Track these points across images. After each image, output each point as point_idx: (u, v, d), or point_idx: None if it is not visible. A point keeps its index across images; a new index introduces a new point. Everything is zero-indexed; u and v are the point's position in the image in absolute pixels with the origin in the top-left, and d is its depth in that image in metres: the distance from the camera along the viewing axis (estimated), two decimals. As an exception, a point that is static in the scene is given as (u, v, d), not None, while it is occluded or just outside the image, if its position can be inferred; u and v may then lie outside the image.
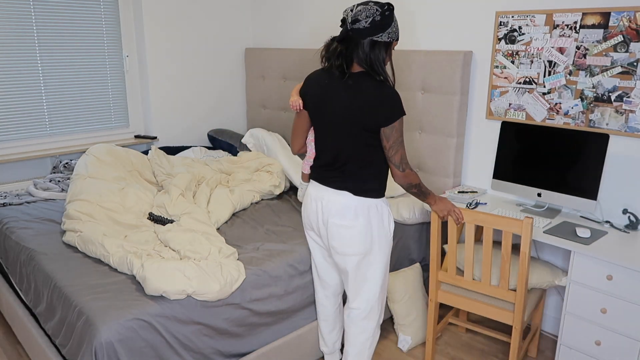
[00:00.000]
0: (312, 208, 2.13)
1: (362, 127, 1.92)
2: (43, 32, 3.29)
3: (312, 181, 2.17)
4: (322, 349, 2.47)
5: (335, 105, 1.96)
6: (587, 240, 2.25)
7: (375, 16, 1.82)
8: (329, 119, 1.99)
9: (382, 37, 1.86)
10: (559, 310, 2.84)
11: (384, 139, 1.94)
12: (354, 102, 1.90)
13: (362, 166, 2.00)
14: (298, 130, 2.17)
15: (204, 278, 2.04)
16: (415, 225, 2.94)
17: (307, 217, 2.18)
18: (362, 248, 2.05)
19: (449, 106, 2.91)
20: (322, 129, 2.05)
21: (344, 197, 2.02)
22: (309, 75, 2.10)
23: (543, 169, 2.57)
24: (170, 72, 3.82)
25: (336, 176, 2.04)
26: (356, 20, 1.83)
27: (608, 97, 2.46)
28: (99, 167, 2.98)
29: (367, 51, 1.87)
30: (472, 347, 2.77)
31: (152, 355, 1.92)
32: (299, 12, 3.82)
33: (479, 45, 2.87)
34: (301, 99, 2.09)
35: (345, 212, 2.02)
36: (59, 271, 2.20)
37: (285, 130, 3.98)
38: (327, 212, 2.06)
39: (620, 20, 2.35)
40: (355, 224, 2.02)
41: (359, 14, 1.83)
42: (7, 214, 2.81)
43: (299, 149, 2.21)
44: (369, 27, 1.83)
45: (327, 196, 2.06)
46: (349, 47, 1.89)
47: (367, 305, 2.17)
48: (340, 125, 1.96)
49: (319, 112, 2.03)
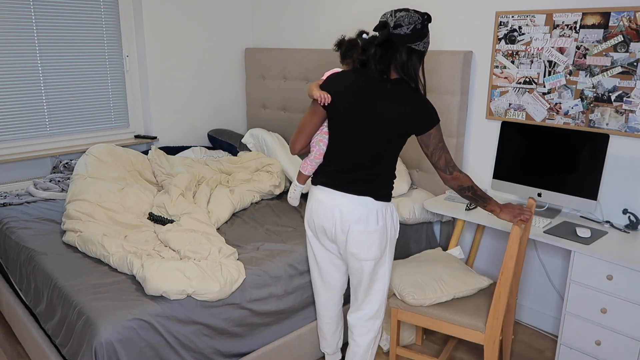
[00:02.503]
0: (326, 215, 2.04)
1: (395, 133, 1.92)
2: (43, 32, 3.29)
3: (320, 187, 2.08)
4: (325, 350, 2.46)
5: (367, 110, 1.91)
6: (587, 240, 2.25)
7: (417, 24, 1.82)
8: (358, 122, 1.93)
9: (419, 46, 1.86)
10: (559, 310, 2.84)
11: (423, 147, 1.96)
12: (391, 108, 1.88)
13: (383, 171, 1.99)
14: (308, 129, 2.08)
15: (204, 278, 2.04)
16: (415, 225, 2.95)
17: (319, 224, 2.09)
18: (378, 252, 2.04)
19: (449, 106, 2.91)
20: (346, 132, 1.97)
21: (366, 203, 1.99)
22: (335, 75, 2.01)
23: (543, 168, 2.57)
24: (170, 72, 3.82)
25: (356, 181, 1.99)
26: (398, 26, 1.82)
27: (608, 97, 2.46)
28: (99, 167, 2.98)
29: (404, 58, 1.87)
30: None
31: (152, 355, 1.92)
32: (299, 12, 3.82)
33: (479, 45, 2.87)
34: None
35: (368, 217, 1.99)
36: (59, 271, 2.20)
37: (286, 130, 3.98)
38: (349, 220, 2.00)
39: (620, 20, 2.35)
40: (376, 228, 2.00)
41: (402, 20, 1.82)
42: (7, 214, 2.81)
43: (302, 148, 2.12)
44: (410, 34, 1.82)
45: (346, 203, 2.00)
46: (388, 52, 1.87)
47: (375, 305, 2.18)
48: (370, 129, 1.92)
49: (348, 114, 1.95)
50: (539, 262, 2.87)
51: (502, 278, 2.03)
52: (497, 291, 2.06)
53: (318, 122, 2.06)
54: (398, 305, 2.30)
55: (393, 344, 2.39)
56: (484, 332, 2.15)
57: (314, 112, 2.05)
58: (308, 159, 2.14)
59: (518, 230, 1.95)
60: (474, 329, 2.17)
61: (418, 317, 2.28)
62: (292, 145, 2.14)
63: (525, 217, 2.04)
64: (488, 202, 2.06)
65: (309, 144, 2.14)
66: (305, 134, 2.09)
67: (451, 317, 2.21)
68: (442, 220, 3.04)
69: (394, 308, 2.31)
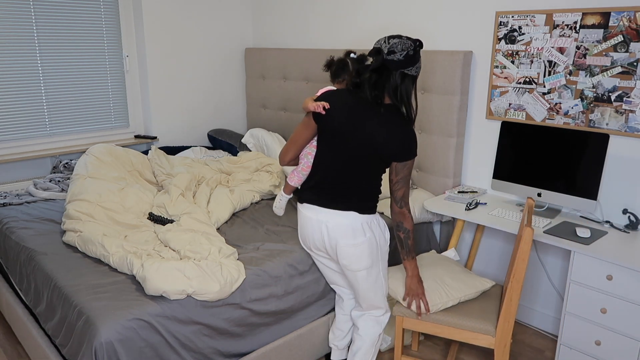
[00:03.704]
0: (315, 231, 2.11)
1: (379, 156, 1.98)
2: (43, 32, 3.29)
3: (305, 205, 2.14)
4: (335, 344, 2.47)
5: (360, 130, 1.97)
6: (587, 240, 2.25)
7: (409, 50, 1.89)
8: (348, 141, 1.99)
9: (411, 71, 1.93)
10: (559, 310, 2.84)
11: (392, 173, 2.01)
12: (380, 132, 1.94)
13: (367, 187, 2.04)
14: (299, 141, 2.14)
15: (204, 278, 2.04)
16: (415, 225, 2.95)
17: (311, 241, 2.16)
18: (369, 262, 2.09)
19: (449, 106, 2.91)
20: (336, 148, 2.03)
21: (351, 217, 2.04)
22: (330, 92, 2.07)
23: (543, 169, 2.57)
24: (170, 72, 3.82)
25: (340, 196, 2.04)
26: (392, 52, 1.89)
27: (608, 97, 2.45)
28: (99, 167, 2.98)
29: (397, 82, 1.93)
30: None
31: (152, 355, 1.92)
32: (299, 12, 3.82)
33: (479, 45, 2.87)
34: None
35: (355, 231, 2.04)
36: (59, 271, 2.20)
37: (285, 130, 3.98)
38: (335, 236, 2.06)
39: (620, 20, 2.35)
40: (363, 240, 2.05)
41: (395, 47, 1.89)
42: (7, 214, 2.81)
43: (291, 159, 2.18)
44: (403, 59, 1.89)
45: (332, 219, 2.05)
46: (382, 77, 1.94)
47: (378, 309, 2.25)
48: (359, 149, 1.98)
49: (337, 131, 2.01)
50: (539, 262, 2.86)
51: (513, 281, 2.02)
52: (508, 294, 2.05)
53: (310, 135, 2.12)
54: (403, 313, 2.27)
55: (398, 352, 2.38)
56: (494, 336, 2.13)
57: (306, 126, 2.10)
58: (296, 170, 2.20)
59: (531, 232, 1.94)
60: (484, 333, 2.15)
61: (424, 324, 2.25)
62: (282, 156, 2.19)
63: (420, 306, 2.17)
64: (409, 257, 2.12)
65: (298, 157, 2.19)
66: (296, 146, 2.16)
67: (459, 322, 2.18)
68: (442, 220, 3.04)
69: (398, 316, 2.28)
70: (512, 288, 2.03)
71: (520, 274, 2.01)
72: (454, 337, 2.21)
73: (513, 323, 2.10)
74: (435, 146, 3.02)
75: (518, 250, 1.99)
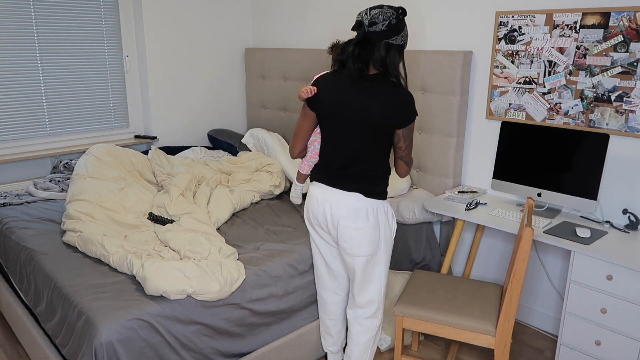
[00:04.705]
0: (319, 209, 2.11)
1: (378, 129, 1.95)
2: (43, 32, 3.29)
3: (315, 183, 2.15)
4: (329, 349, 2.46)
5: (351, 108, 1.96)
6: (587, 240, 2.25)
7: (391, 19, 1.86)
8: (343, 121, 1.99)
9: (396, 40, 1.90)
10: (559, 310, 2.84)
11: (400, 140, 1.99)
12: (372, 104, 1.92)
13: (372, 168, 2.02)
14: (302, 132, 2.14)
15: (204, 278, 2.04)
16: (415, 225, 2.94)
17: (314, 217, 2.16)
18: (370, 249, 2.06)
19: (449, 106, 2.91)
20: (334, 131, 2.03)
21: (355, 199, 2.02)
22: (319, 78, 2.07)
23: (543, 169, 2.57)
24: (170, 72, 3.82)
25: (346, 178, 2.04)
26: (373, 23, 1.86)
27: (608, 97, 2.45)
28: (99, 167, 2.98)
29: (382, 54, 1.91)
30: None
31: (152, 355, 1.92)
32: (299, 12, 3.82)
33: (479, 45, 2.87)
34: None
35: (357, 213, 2.02)
36: (59, 271, 2.20)
37: (285, 130, 3.98)
38: (337, 215, 2.05)
39: (620, 20, 2.35)
40: (366, 225, 2.02)
41: (376, 17, 1.86)
42: (7, 214, 2.81)
43: (300, 151, 2.17)
44: (386, 30, 1.86)
45: (336, 198, 2.05)
46: (366, 49, 1.91)
47: (371, 304, 2.19)
48: (356, 127, 1.96)
49: (332, 114, 2.01)
50: (539, 262, 2.86)
51: (513, 281, 2.02)
52: (508, 294, 2.05)
53: (310, 124, 2.12)
54: (403, 313, 2.27)
55: (398, 352, 2.38)
56: (494, 336, 2.13)
57: (304, 115, 2.11)
58: (305, 159, 2.20)
59: (530, 232, 1.94)
60: (484, 333, 2.15)
61: (424, 323, 2.25)
62: (291, 149, 2.20)
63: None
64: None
65: (306, 147, 2.18)
66: (301, 137, 2.15)
67: (459, 322, 2.18)
68: (442, 220, 3.04)
69: (398, 316, 2.29)
70: (512, 288, 2.03)
71: (520, 274, 2.01)
72: (454, 337, 2.21)
73: (513, 323, 2.10)
74: (435, 146, 3.02)
75: (518, 250, 1.99)
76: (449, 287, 2.40)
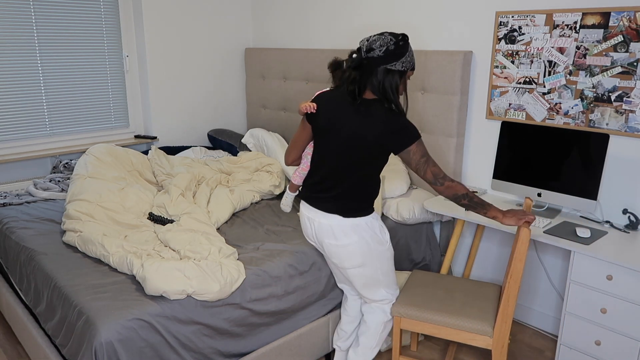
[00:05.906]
0: (306, 227, 2.19)
1: (366, 152, 1.97)
2: (43, 32, 3.29)
3: (302, 201, 2.20)
4: (338, 344, 2.47)
5: (343, 127, 1.98)
6: (587, 240, 2.25)
7: (389, 45, 1.89)
8: (334, 138, 2.02)
9: (395, 66, 1.92)
10: (559, 310, 2.84)
11: (405, 164, 2.04)
12: (363, 127, 1.94)
13: (356, 188, 2.04)
14: (298, 142, 2.19)
15: (204, 278, 2.04)
16: (415, 225, 2.95)
17: (306, 234, 2.24)
18: (360, 261, 2.10)
19: (449, 106, 2.91)
20: (324, 147, 2.07)
21: (333, 220, 2.06)
22: (321, 94, 2.11)
23: (543, 169, 2.57)
24: (170, 72, 3.82)
25: (326, 197, 2.07)
26: (370, 49, 1.90)
27: (608, 97, 2.45)
28: (99, 167, 2.98)
29: (380, 79, 1.93)
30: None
31: (152, 355, 1.92)
32: (299, 12, 3.82)
33: (479, 45, 2.87)
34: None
35: (336, 233, 2.07)
36: (59, 271, 2.20)
37: (285, 130, 3.98)
38: (320, 234, 2.11)
39: (620, 20, 2.35)
40: (349, 242, 2.07)
41: (373, 43, 1.90)
42: (7, 214, 2.81)
43: (293, 160, 2.24)
44: (383, 55, 1.89)
45: (317, 218, 2.11)
46: (363, 74, 1.94)
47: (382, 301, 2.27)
48: (344, 146, 1.99)
49: (326, 130, 2.04)
50: (539, 262, 2.87)
51: (511, 281, 2.02)
52: (505, 294, 2.05)
53: (307, 136, 2.17)
54: (401, 314, 2.27)
55: (396, 353, 2.38)
56: (492, 337, 2.13)
57: (302, 127, 2.16)
58: (298, 169, 2.26)
59: (528, 233, 1.94)
60: (481, 334, 2.14)
61: (422, 324, 2.25)
62: (285, 156, 2.26)
63: (530, 218, 2.03)
64: (488, 209, 2.04)
65: (300, 157, 2.25)
66: (296, 147, 2.21)
67: (457, 323, 2.18)
68: (442, 220, 3.04)
69: (396, 317, 2.29)
70: (510, 288, 2.03)
71: (518, 274, 2.01)
72: (452, 338, 2.21)
73: (510, 323, 2.10)
74: (435, 146, 3.02)
75: (515, 251, 1.99)
76: (447, 287, 2.40)
